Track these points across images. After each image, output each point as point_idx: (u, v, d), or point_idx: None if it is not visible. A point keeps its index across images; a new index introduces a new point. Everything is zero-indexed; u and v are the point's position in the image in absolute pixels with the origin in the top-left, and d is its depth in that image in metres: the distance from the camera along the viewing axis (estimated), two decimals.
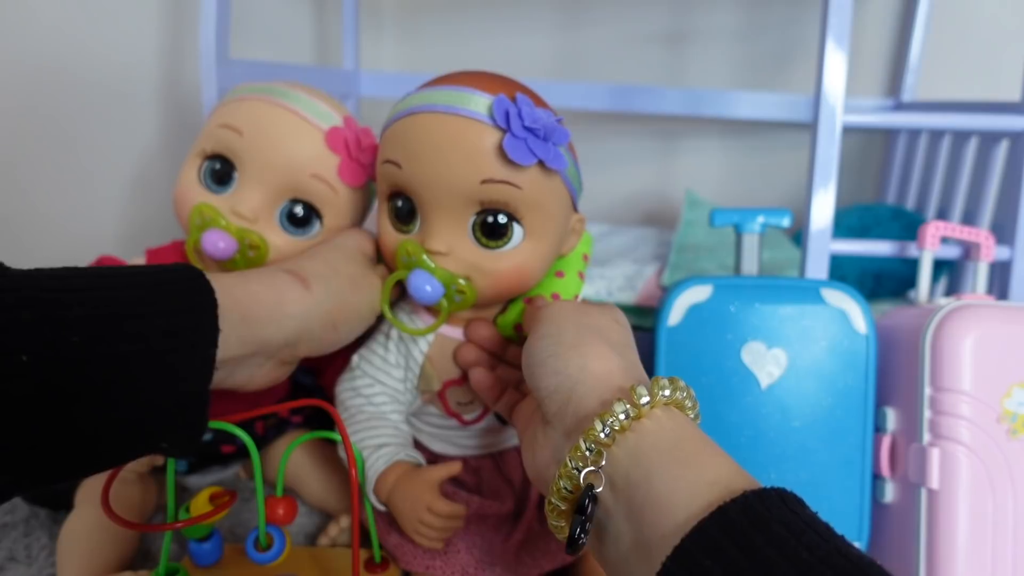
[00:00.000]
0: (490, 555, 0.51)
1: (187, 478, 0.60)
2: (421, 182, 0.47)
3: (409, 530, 0.48)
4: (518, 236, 0.48)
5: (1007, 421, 0.49)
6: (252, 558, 0.47)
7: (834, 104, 0.62)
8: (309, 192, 0.53)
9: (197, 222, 0.52)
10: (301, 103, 0.53)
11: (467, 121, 0.45)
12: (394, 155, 0.48)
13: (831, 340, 0.54)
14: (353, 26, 1.08)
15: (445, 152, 0.45)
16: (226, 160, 0.52)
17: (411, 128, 0.47)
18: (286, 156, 0.52)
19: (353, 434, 0.51)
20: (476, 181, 0.45)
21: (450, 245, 0.47)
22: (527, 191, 0.46)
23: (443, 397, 0.53)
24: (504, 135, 0.45)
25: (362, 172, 0.54)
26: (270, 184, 0.52)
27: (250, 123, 0.52)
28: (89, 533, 0.50)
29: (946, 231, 0.60)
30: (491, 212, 0.47)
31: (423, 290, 0.47)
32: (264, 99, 0.53)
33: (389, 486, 0.48)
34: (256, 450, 0.45)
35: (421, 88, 0.49)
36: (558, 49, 1.17)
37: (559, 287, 0.54)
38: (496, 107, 0.45)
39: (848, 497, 0.54)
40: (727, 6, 1.09)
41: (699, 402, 0.39)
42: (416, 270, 0.47)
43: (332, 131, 0.53)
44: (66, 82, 0.84)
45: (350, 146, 0.53)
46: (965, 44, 1.01)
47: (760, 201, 1.13)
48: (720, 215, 0.60)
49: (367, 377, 0.54)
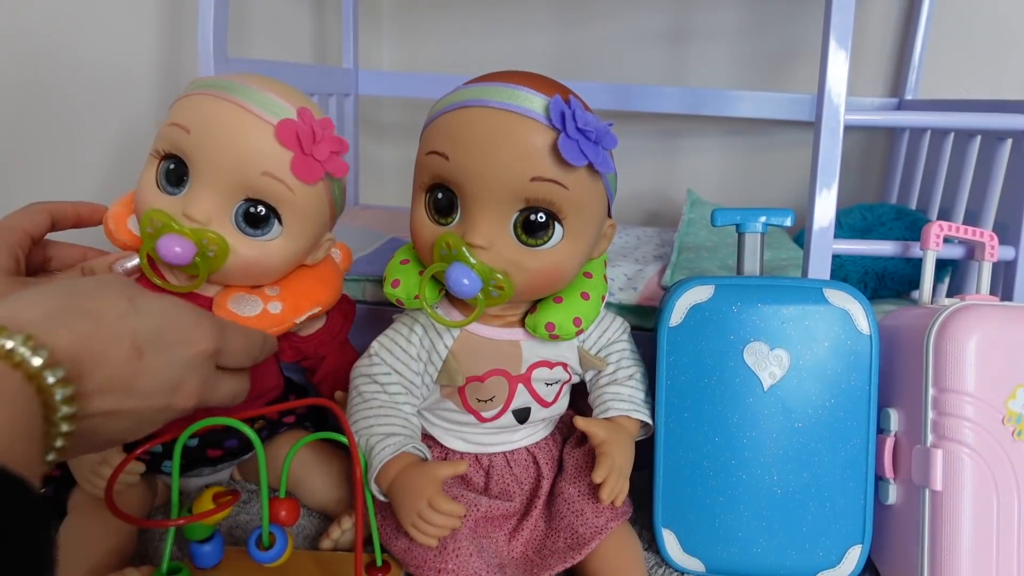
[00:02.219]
0: (499, 557, 0.51)
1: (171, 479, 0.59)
2: (469, 175, 0.47)
3: (406, 522, 0.47)
4: (558, 236, 0.49)
5: (1011, 422, 0.49)
6: (254, 557, 0.47)
7: (837, 103, 0.62)
8: (262, 191, 0.50)
9: (149, 230, 0.49)
10: (249, 96, 0.50)
11: (521, 118, 0.46)
12: (441, 146, 0.48)
13: (834, 340, 0.54)
14: (352, 25, 1.08)
15: (497, 147, 0.46)
16: (179, 160, 0.50)
17: (462, 121, 0.47)
18: (235, 154, 0.49)
19: (364, 419, 0.51)
20: (525, 178, 0.46)
21: (491, 240, 0.48)
22: (572, 192, 0.47)
23: (463, 392, 0.53)
24: (558, 135, 0.46)
25: (318, 167, 0.51)
26: (221, 184, 0.49)
27: (197, 121, 0.49)
28: (87, 536, 0.50)
29: (949, 231, 0.60)
30: (534, 210, 0.48)
31: (461, 283, 0.47)
32: (212, 94, 0.50)
33: (392, 475, 0.48)
34: (262, 448, 0.45)
35: (470, 83, 0.50)
36: (558, 48, 1.16)
37: (588, 287, 0.54)
38: (552, 107, 0.46)
39: (851, 498, 0.53)
40: (729, 4, 1.09)
41: (700, 403, 0.39)
42: (456, 263, 0.48)
43: (282, 125, 0.49)
44: (65, 81, 0.83)
45: (302, 140, 0.49)
46: (968, 43, 1.01)
47: (762, 201, 1.13)
48: (722, 215, 0.60)
49: (385, 365, 0.54)
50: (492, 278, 0.48)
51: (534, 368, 0.54)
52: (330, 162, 0.51)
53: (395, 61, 1.24)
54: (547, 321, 0.52)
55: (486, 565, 0.49)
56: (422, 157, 0.50)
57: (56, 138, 0.86)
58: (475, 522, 0.51)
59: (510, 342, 0.54)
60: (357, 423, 0.52)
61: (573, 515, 0.52)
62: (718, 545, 0.54)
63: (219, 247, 0.50)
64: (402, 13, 1.22)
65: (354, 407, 0.53)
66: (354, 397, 0.53)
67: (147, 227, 0.50)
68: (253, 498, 0.62)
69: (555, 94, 0.46)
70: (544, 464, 0.57)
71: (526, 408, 0.55)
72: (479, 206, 0.48)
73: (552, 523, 0.54)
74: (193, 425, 0.44)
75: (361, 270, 0.77)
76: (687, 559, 0.55)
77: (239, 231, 0.51)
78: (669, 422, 0.55)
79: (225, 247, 0.50)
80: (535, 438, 0.58)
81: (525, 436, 0.57)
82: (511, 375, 0.54)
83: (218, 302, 0.53)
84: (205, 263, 0.50)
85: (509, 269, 0.48)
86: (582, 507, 0.53)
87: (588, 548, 0.51)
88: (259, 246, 0.51)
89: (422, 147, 0.50)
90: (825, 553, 0.53)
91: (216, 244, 0.49)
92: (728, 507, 0.54)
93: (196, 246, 0.49)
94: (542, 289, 0.51)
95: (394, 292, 0.53)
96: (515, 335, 0.54)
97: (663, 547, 0.55)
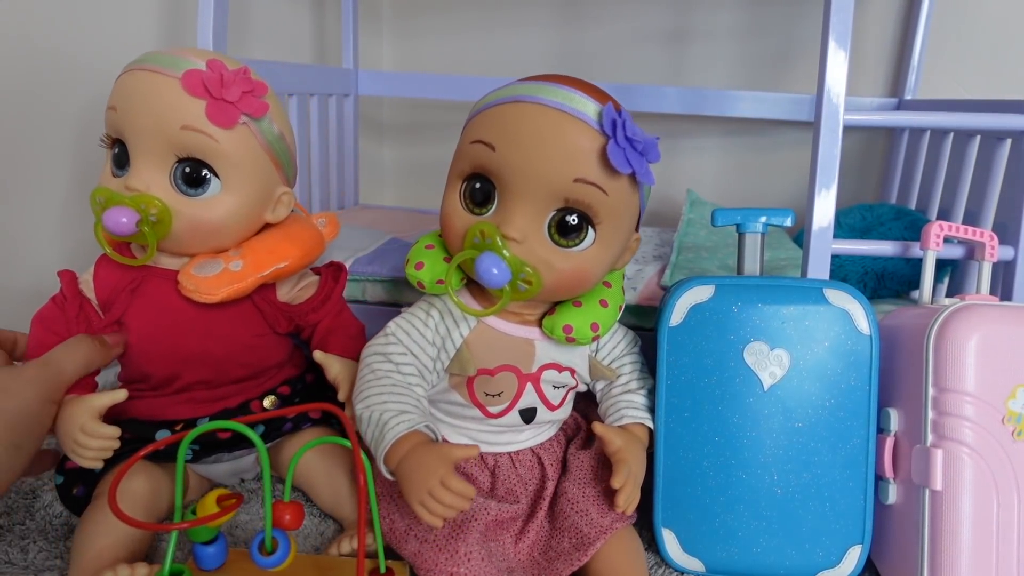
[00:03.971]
0: (507, 560, 0.51)
1: (195, 466, 0.60)
2: (513, 167, 0.48)
3: (414, 501, 0.46)
4: (589, 239, 0.50)
5: (1011, 422, 0.49)
6: (256, 562, 0.46)
7: (836, 103, 0.62)
8: (188, 147, 0.51)
9: (97, 209, 0.51)
10: (157, 60, 0.52)
11: (573, 120, 0.47)
12: (489, 136, 0.49)
13: (834, 341, 0.54)
14: (352, 25, 1.08)
15: (546, 143, 0.47)
16: (119, 141, 0.52)
17: (514, 114, 0.48)
18: (152, 116, 0.51)
19: (377, 395, 0.51)
20: (569, 178, 0.47)
21: (525, 234, 0.49)
22: (611, 199, 0.48)
23: (471, 385, 0.54)
24: (606, 141, 0.47)
25: (232, 109, 0.51)
26: (149, 150, 0.51)
27: (119, 97, 0.52)
28: (103, 526, 0.50)
29: (949, 231, 0.60)
30: (571, 211, 0.49)
31: (490, 272, 0.48)
32: (129, 71, 0.52)
33: (403, 452, 0.47)
34: (265, 449, 0.44)
35: (523, 81, 0.51)
36: (557, 48, 1.16)
37: (608, 295, 0.55)
38: (605, 114, 0.47)
39: (851, 498, 0.54)
40: (728, 5, 1.09)
41: (700, 402, 0.39)
42: (487, 252, 0.48)
43: (187, 75, 0.50)
44: (63, 81, 0.83)
45: (209, 86, 0.51)
46: (968, 43, 1.01)
47: (761, 201, 1.13)
48: (722, 215, 0.60)
49: (401, 346, 0.54)
50: (522, 271, 0.49)
51: (544, 369, 0.54)
52: (244, 102, 0.52)
53: (395, 61, 1.24)
54: (565, 323, 0.52)
55: (496, 569, 0.49)
56: (465, 146, 0.51)
57: (56, 138, 0.86)
58: (485, 526, 0.51)
59: (525, 340, 0.54)
60: (369, 398, 0.51)
61: (577, 515, 0.53)
62: (718, 545, 0.54)
63: (159, 210, 0.51)
64: (402, 13, 1.22)
65: (366, 383, 0.52)
66: (366, 374, 0.53)
67: (95, 208, 0.52)
68: (254, 497, 0.62)
69: (607, 102, 0.48)
70: (549, 465, 0.57)
71: (532, 408, 0.55)
72: (518, 200, 0.49)
73: (556, 524, 0.54)
74: (195, 430, 0.44)
75: (361, 270, 0.77)
76: (687, 559, 0.55)
77: (181, 194, 0.52)
78: (669, 422, 0.55)
79: (166, 209, 0.51)
80: (540, 439, 0.58)
81: (530, 437, 0.57)
82: (521, 372, 0.54)
83: (184, 271, 0.54)
84: (151, 229, 0.51)
85: (539, 266, 0.49)
86: (586, 507, 0.53)
87: (594, 548, 0.51)
88: (202, 204, 0.53)
89: (465, 136, 0.51)
90: (825, 553, 0.54)
91: (156, 207, 0.51)
92: (728, 507, 0.54)
93: (137, 212, 0.50)
94: (567, 291, 0.52)
95: (417, 274, 0.53)
96: (530, 334, 0.54)
97: (663, 547, 0.55)
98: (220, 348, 0.56)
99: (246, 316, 0.57)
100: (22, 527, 0.56)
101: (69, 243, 0.87)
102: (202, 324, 0.55)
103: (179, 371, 0.56)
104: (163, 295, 0.55)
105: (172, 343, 0.55)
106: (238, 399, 0.59)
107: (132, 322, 0.55)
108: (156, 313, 0.55)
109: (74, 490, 0.55)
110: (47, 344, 0.53)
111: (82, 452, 0.50)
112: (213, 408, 0.58)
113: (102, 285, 0.56)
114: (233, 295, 0.54)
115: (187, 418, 0.57)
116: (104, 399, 0.51)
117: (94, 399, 0.51)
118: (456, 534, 0.49)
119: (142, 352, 0.56)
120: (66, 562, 0.53)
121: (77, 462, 0.51)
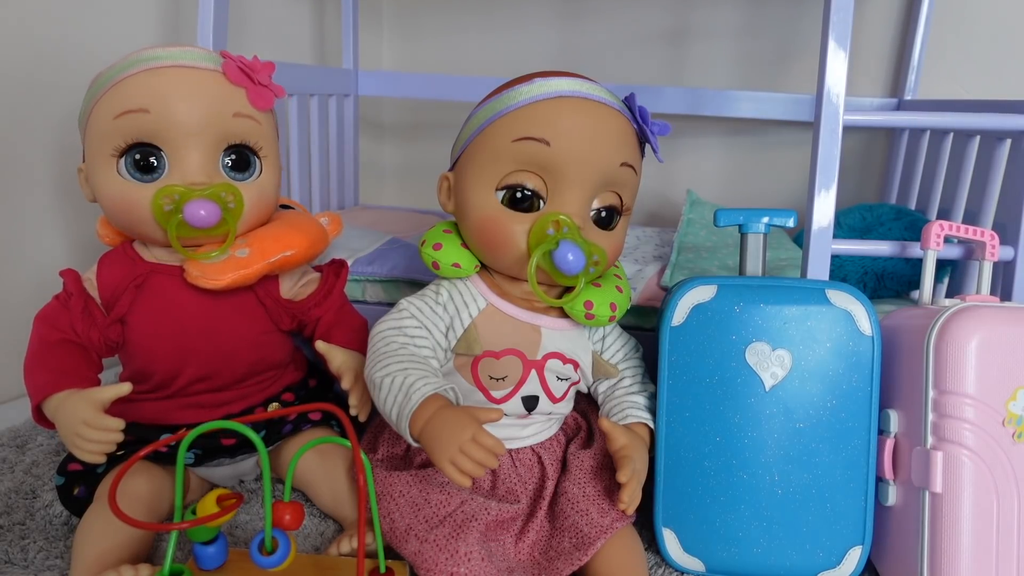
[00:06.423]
0: (507, 561, 0.51)
1: (196, 469, 0.59)
2: (570, 159, 0.50)
3: (443, 458, 0.45)
4: (619, 219, 0.55)
5: (1012, 424, 0.49)
6: (256, 562, 0.46)
7: (836, 103, 0.62)
8: (239, 133, 0.53)
9: (167, 207, 0.50)
10: (184, 56, 0.52)
11: (612, 109, 0.52)
12: (541, 133, 0.50)
13: (835, 341, 0.54)
14: (352, 25, 1.08)
15: (599, 133, 0.51)
16: (145, 145, 0.51)
17: (564, 109, 0.51)
18: (201, 108, 0.51)
19: (397, 362, 0.51)
20: (617, 163, 0.52)
21: (584, 220, 0.52)
22: (637, 178, 0.55)
23: (476, 366, 0.54)
24: (633, 127, 0.53)
25: (268, 92, 0.54)
26: (199, 143, 0.51)
27: (151, 97, 0.50)
28: (105, 526, 0.50)
29: (950, 230, 0.60)
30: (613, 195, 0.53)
31: (567, 260, 0.49)
32: (146, 69, 0.51)
33: (430, 413, 0.47)
34: (265, 450, 0.44)
35: (542, 77, 0.53)
36: (557, 48, 1.16)
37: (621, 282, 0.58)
38: (630, 102, 0.53)
39: (851, 499, 0.54)
40: (728, 4, 1.09)
41: (701, 402, 0.40)
42: (565, 241, 0.50)
43: (227, 65, 0.53)
44: (63, 81, 0.83)
45: (248, 73, 0.53)
46: (967, 43, 1.01)
47: (761, 201, 1.13)
48: (725, 215, 0.60)
49: (415, 320, 0.55)
50: (595, 254, 0.51)
51: (549, 358, 0.55)
52: (272, 85, 0.55)
53: (395, 61, 1.24)
54: (586, 299, 0.54)
55: (496, 569, 0.49)
56: (507, 145, 0.51)
57: (56, 138, 0.85)
58: (485, 526, 0.51)
59: (531, 326, 0.55)
60: (389, 366, 0.51)
61: (578, 515, 0.53)
62: (718, 545, 0.54)
63: (235, 195, 0.53)
64: (402, 13, 1.22)
65: (382, 354, 0.52)
66: (381, 346, 0.53)
67: (163, 207, 0.51)
68: (254, 497, 0.62)
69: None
70: (549, 465, 0.57)
71: (535, 396, 0.55)
72: (574, 189, 0.51)
73: (556, 523, 0.54)
74: (196, 430, 0.44)
75: (361, 270, 0.77)
76: (687, 559, 0.55)
77: (232, 181, 0.53)
78: (670, 421, 0.55)
79: (239, 193, 0.53)
80: (540, 437, 0.58)
81: (531, 434, 0.57)
82: (526, 358, 0.54)
83: (189, 260, 0.54)
84: (230, 215, 0.53)
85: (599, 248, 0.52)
86: (587, 507, 0.53)
87: (594, 548, 0.51)
88: (253, 186, 0.54)
89: (504, 135, 0.52)
90: (825, 554, 0.54)
91: (231, 193, 0.52)
92: (729, 507, 0.54)
93: (217, 203, 0.51)
94: (604, 269, 0.55)
95: (434, 254, 0.55)
96: (538, 320, 0.55)
97: (663, 546, 0.55)
98: (223, 344, 0.56)
99: (250, 312, 0.57)
100: (22, 527, 0.56)
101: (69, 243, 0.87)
102: (206, 319, 0.55)
103: (181, 368, 0.56)
104: (167, 291, 0.55)
105: (176, 338, 0.55)
106: (241, 404, 0.59)
107: (136, 318, 0.55)
108: (160, 309, 0.55)
109: (75, 491, 0.55)
110: (49, 341, 0.53)
111: (84, 445, 0.49)
112: (217, 414, 0.58)
113: (105, 283, 0.56)
114: (240, 281, 0.54)
115: (191, 423, 0.57)
116: (108, 392, 0.50)
117: (98, 392, 0.50)
118: (456, 534, 0.49)
119: (145, 349, 0.56)
120: (66, 562, 0.52)
121: (78, 456, 0.50)
